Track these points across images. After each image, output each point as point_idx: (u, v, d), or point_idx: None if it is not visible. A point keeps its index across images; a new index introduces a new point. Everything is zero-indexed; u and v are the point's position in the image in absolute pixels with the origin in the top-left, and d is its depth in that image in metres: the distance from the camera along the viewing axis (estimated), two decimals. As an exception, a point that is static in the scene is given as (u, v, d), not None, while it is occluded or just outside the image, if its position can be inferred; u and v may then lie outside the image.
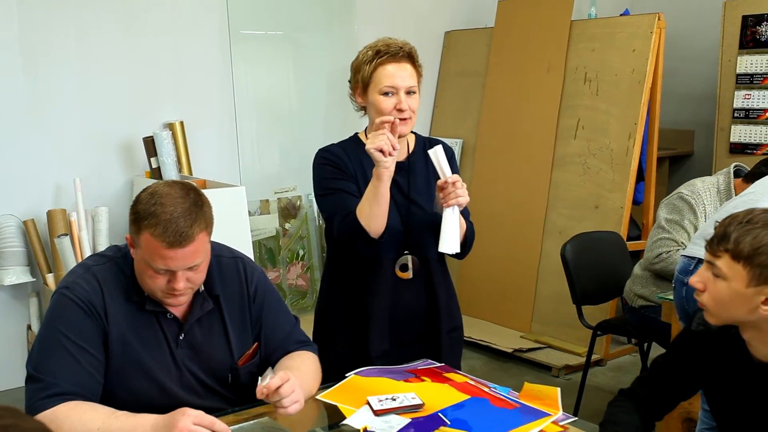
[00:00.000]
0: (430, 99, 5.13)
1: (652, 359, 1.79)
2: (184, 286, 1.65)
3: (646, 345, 3.49)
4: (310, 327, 2.30)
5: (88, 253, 3.45)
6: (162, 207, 1.60)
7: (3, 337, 3.75)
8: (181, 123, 4.03)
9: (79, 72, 3.86)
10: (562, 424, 1.67)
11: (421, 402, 1.72)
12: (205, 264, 1.71)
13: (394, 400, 1.72)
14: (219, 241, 1.88)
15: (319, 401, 1.78)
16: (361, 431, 1.61)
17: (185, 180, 2.63)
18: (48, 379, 1.60)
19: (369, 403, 1.71)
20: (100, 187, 3.87)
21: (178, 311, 1.75)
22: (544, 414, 1.70)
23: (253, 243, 4.16)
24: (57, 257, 3.53)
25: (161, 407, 1.59)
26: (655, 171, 4.43)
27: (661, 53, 4.12)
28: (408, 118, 2.05)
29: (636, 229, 4.49)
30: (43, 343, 1.66)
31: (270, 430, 1.66)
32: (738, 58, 4.53)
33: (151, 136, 3.89)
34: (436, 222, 2.07)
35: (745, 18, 4.49)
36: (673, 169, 5.63)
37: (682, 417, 2.67)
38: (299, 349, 1.88)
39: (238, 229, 3.58)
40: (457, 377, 1.92)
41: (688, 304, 2.47)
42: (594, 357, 4.05)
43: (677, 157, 5.59)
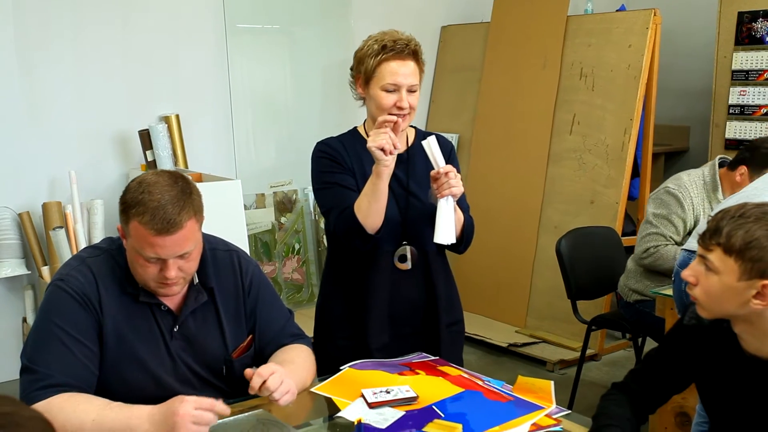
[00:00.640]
0: (426, 94, 5.14)
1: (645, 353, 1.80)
2: (176, 274, 1.65)
3: (640, 340, 3.51)
4: (306, 320, 2.30)
5: (83, 245, 3.45)
6: (150, 195, 1.61)
7: (-2, 330, 3.76)
8: (177, 116, 4.03)
9: (75, 65, 3.85)
10: (555, 417, 1.68)
11: (416, 395, 1.73)
12: (197, 252, 1.71)
13: (388, 392, 1.73)
14: (214, 235, 1.88)
15: (314, 394, 1.79)
16: (356, 423, 1.62)
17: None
18: (42, 371, 1.61)
19: (363, 396, 1.72)
20: (95, 180, 3.87)
21: (172, 303, 1.75)
22: (537, 407, 1.71)
23: (249, 237, 4.16)
24: (52, 250, 3.53)
25: (156, 399, 1.60)
26: (651, 167, 4.44)
27: (657, 49, 4.13)
28: (407, 114, 2.07)
29: (631, 225, 4.51)
30: (38, 335, 1.67)
31: (265, 422, 1.67)
32: (734, 54, 4.53)
33: (147, 129, 3.89)
34: (434, 214, 2.08)
35: (741, 14, 4.49)
36: (669, 165, 5.64)
37: (675, 411, 2.69)
38: (293, 342, 1.89)
39: (233, 223, 3.58)
40: (452, 370, 1.93)
41: (686, 297, 2.48)
42: (589, 352, 4.06)
43: (673, 153, 5.60)
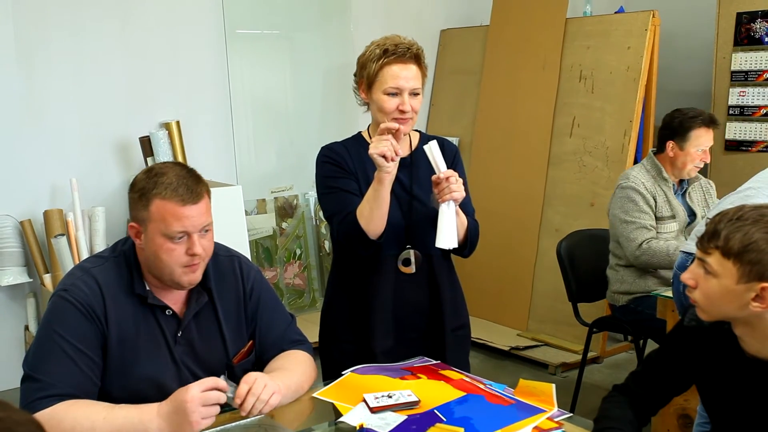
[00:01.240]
0: (426, 97, 5.14)
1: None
2: (200, 251, 1.69)
3: (641, 341, 3.50)
4: (308, 326, 2.31)
5: (85, 253, 3.45)
6: (165, 176, 1.68)
7: (0, 339, 3.76)
8: (178, 123, 4.04)
9: (75, 72, 3.86)
10: (557, 420, 1.68)
11: (417, 399, 1.73)
12: (212, 232, 1.76)
13: (390, 397, 1.73)
14: (216, 240, 1.89)
15: (316, 399, 1.79)
16: (357, 428, 1.62)
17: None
18: (44, 380, 1.61)
19: (365, 401, 1.72)
20: (96, 187, 3.88)
21: (176, 307, 1.77)
22: (539, 410, 1.71)
23: (250, 242, 4.17)
24: (54, 257, 3.54)
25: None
26: (651, 168, 4.44)
27: (656, 50, 4.14)
28: (410, 118, 2.08)
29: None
30: (41, 345, 1.67)
31: (267, 427, 1.67)
32: (733, 55, 4.54)
33: (148, 135, 3.90)
34: (437, 218, 2.09)
35: (740, 15, 4.50)
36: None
37: (677, 413, 2.69)
38: (293, 348, 1.90)
39: (234, 229, 3.59)
40: (453, 374, 1.92)
41: (685, 299, 2.48)
42: (591, 354, 4.06)
43: (673, 155, 5.60)
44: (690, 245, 2.51)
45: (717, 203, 2.61)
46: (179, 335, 1.76)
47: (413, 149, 2.20)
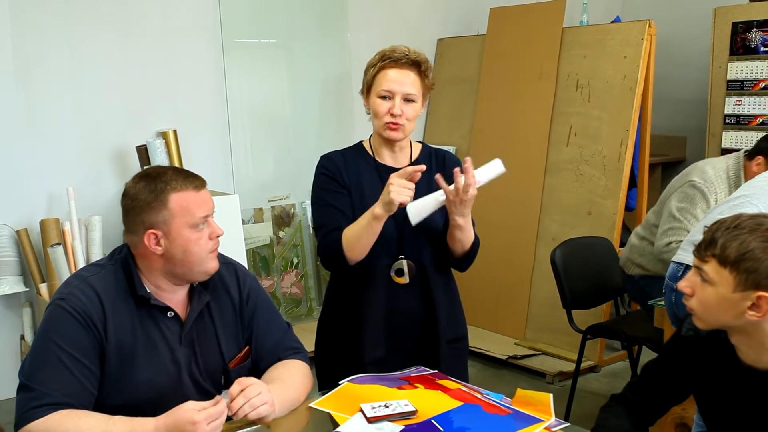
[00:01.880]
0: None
1: (642, 362, 1.80)
2: (222, 232, 1.79)
3: (635, 349, 3.51)
4: (305, 335, 2.30)
5: (81, 262, 3.45)
6: (166, 174, 1.73)
7: (-4, 348, 3.75)
8: (175, 132, 4.04)
9: (72, 81, 3.86)
10: (554, 429, 1.67)
11: (414, 409, 1.72)
12: None
13: (387, 407, 1.72)
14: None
15: (313, 409, 1.78)
16: (355, 438, 1.62)
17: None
18: (40, 389, 1.60)
19: (362, 411, 1.72)
20: (93, 196, 3.87)
21: (178, 308, 1.77)
22: (536, 420, 1.71)
23: (247, 251, 4.16)
24: (50, 267, 3.53)
25: (156, 411, 1.60)
26: (648, 177, 4.45)
27: (652, 60, 4.15)
28: (401, 124, 2.07)
29: (628, 235, 4.50)
30: (37, 354, 1.66)
31: (263, 438, 1.66)
32: (728, 64, 4.56)
33: (145, 144, 3.90)
34: (431, 229, 2.09)
35: (735, 24, 4.52)
36: (666, 175, 5.65)
37: (675, 422, 2.68)
38: (289, 357, 1.90)
39: (231, 238, 3.58)
40: (450, 384, 1.92)
41: (678, 309, 2.48)
42: (588, 363, 4.07)
43: (670, 164, 5.61)
44: (681, 255, 2.51)
45: (708, 212, 2.60)
46: (183, 336, 1.76)
47: (413, 160, 2.20)
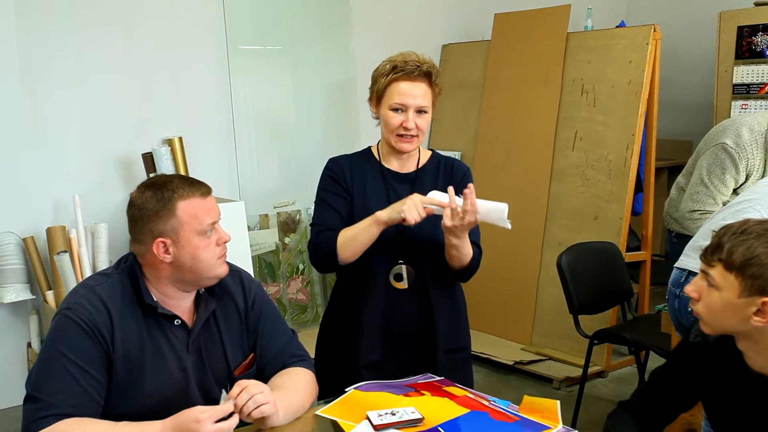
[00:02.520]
0: (428, 112, 5.15)
1: (650, 368, 1.79)
2: (230, 237, 1.80)
3: (642, 355, 3.49)
4: (311, 341, 2.30)
5: (87, 270, 3.45)
6: (172, 182, 1.74)
7: (3, 355, 3.75)
8: (180, 139, 4.04)
9: (78, 89, 3.87)
10: (561, 436, 1.66)
11: (421, 416, 1.71)
12: None
13: (393, 414, 1.72)
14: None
15: (319, 416, 1.78)
16: (361, 446, 1.61)
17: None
18: (47, 400, 1.60)
19: (368, 418, 1.71)
20: (99, 204, 3.88)
21: (184, 315, 1.77)
22: (543, 427, 1.69)
23: (253, 258, 4.17)
24: (57, 274, 3.53)
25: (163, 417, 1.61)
26: (654, 181, 4.44)
27: (658, 64, 4.14)
28: (415, 136, 2.10)
29: (635, 240, 4.50)
30: (44, 364, 1.66)
31: (269, 446, 1.66)
32: (734, 68, 4.55)
33: (150, 152, 3.91)
34: (431, 238, 2.09)
35: (740, 28, 4.51)
36: (672, 180, 5.62)
37: (684, 428, 2.67)
38: (294, 364, 1.90)
39: (237, 244, 3.54)
40: (457, 391, 1.91)
41: (681, 315, 2.47)
42: (595, 368, 4.05)
43: (676, 168, 5.59)
44: (684, 261, 2.50)
45: (710, 217, 2.59)
46: (190, 344, 1.77)
47: (419, 167, 2.21)
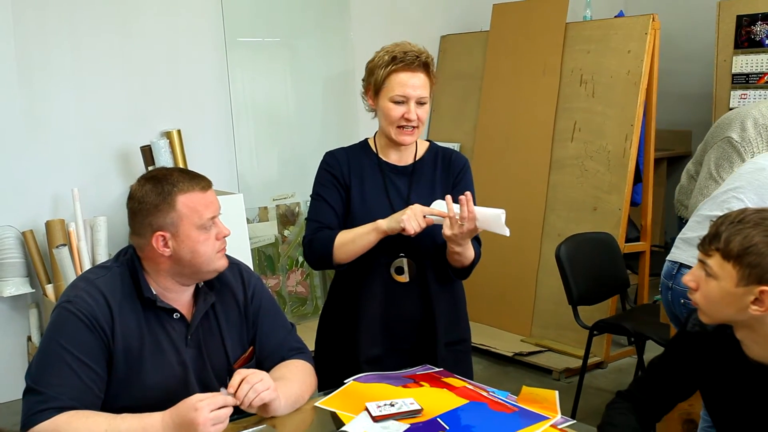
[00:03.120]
0: (426, 103, 5.14)
1: (648, 357, 1.79)
2: (229, 232, 1.79)
3: (642, 344, 3.50)
4: (311, 333, 2.31)
5: (87, 263, 3.45)
6: (172, 176, 1.73)
7: (3, 349, 3.76)
8: (179, 131, 4.04)
9: (76, 82, 3.87)
10: (560, 427, 1.67)
11: (420, 407, 1.72)
12: None
13: (392, 405, 1.72)
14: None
15: (318, 408, 1.78)
16: (360, 437, 1.62)
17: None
18: (47, 392, 1.61)
19: (367, 409, 1.71)
20: (98, 197, 3.88)
21: (183, 309, 1.78)
22: (542, 417, 1.70)
23: (252, 250, 4.17)
24: (56, 268, 3.54)
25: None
26: (653, 172, 4.43)
27: (656, 54, 4.13)
28: (415, 127, 2.09)
29: (635, 231, 4.50)
30: (44, 357, 1.66)
31: (269, 437, 1.67)
32: (733, 58, 4.54)
33: (149, 144, 3.90)
34: (433, 234, 2.09)
35: (740, 18, 4.50)
36: (671, 170, 5.64)
37: (682, 418, 2.67)
38: (293, 357, 1.90)
39: (236, 237, 3.53)
40: (456, 382, 1.92)
41: (674, 306, 2.48)
42: (595, 359, 4.06)
43: (675, 158, 5.59)
44: (676, 253, 2.50)
45: (699, 208, 2.58)
46: (189, 338, 1.77)
47: (417, 158, 2.20)
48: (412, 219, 1.96)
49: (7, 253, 3.64)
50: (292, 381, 1.80)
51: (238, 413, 1.74)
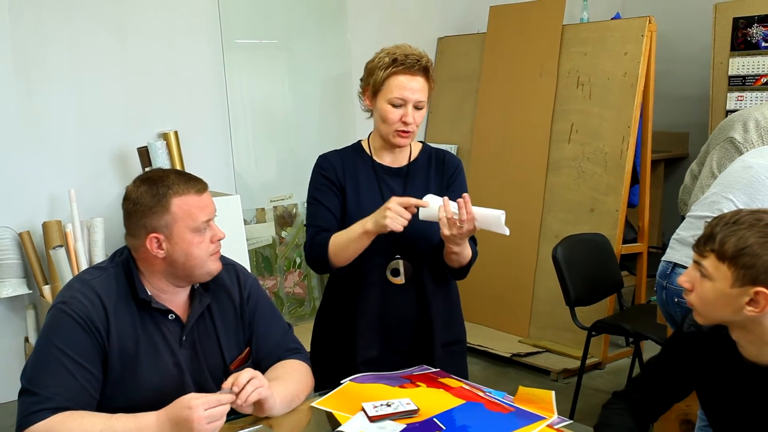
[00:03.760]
0: (424, 105, 5.14)
1: (646, 358, 1.79)
2: (224, 235, 1.79)
3: (640, 343, 3.51)
4: (308, 334, 2.30)
5: (84, 264, 3.45)
6: (167, 178, 1.73)
7: (0, 350, 3.75)
8: (176, 133, 4.04)
9: (73, 83, 3.87)
10: (557, 427, 1.67)
11: (416, 407, 1.72)
12: None
13: (389, 406, 1.72)
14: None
15: (314, 408, 1.78)
16: (356, 438, 1.62)
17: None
18: (42, 393, 1.61)
19: (364, 410, 1.71)
20: (95, 198, 3.87)
21: (179, 310, 1.78)
22: (539, 417, 1.70)
23: (250, 251, 4.16)
24: (53, 269, 3.53)
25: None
26: (650, 173, 4.43)
27: (653, 56, 4.14)
28: (411, 131, 2.09)
29: (632, 232, 4.50)
30: (39, 358, 1.66)
31: (265, 438, 1.66)
32: (730, 60, 4.54)
33: (146, 146, 3.90)
34: (428, 235, 2.09)
35: (736, 20, 4.50)
36: (668, 172, 5.65)
37: (680, 419, 2.67)
38: (289, 357, 1.90)
39: (233, 238, 3.58)
40: (453, 382, 1.92)
41: (669, 306, 2.48)
42: (593, 360, 4.06)
43: (672, 160, 5.60)
44: (670, 253, 2.50)
45: (690, 211, 2.58)
46: (184, 339, 1.77)
47: (411, 160, 2.20)
48: (395, 218, 1.95)
49: (4, 255, 3.64)
50: (288, 381, 1.80)
51: (234, 414, 1.75)
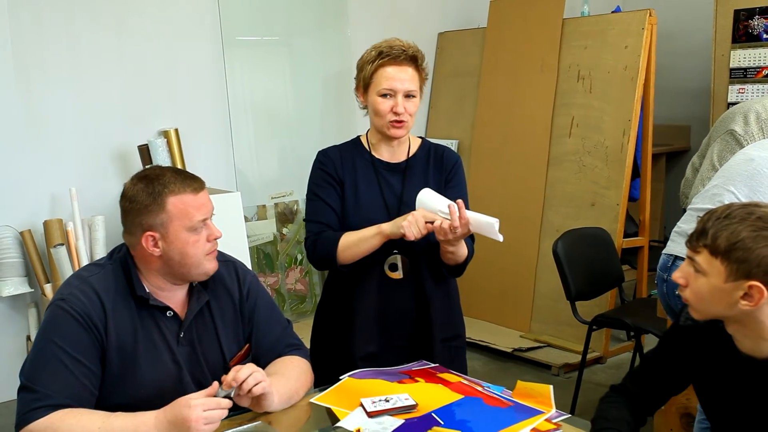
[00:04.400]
0: (425, 100, 5.13)
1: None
2: (221, 234, 1.78)
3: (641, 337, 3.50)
4: (309, 331, 2.31)
5: (85, 262, 3.46)
6: (164, 176, 1.72)
7: (2, 349, 3.77)
8: (176, 130, 4.04)
9: (73, 82, 3.87)
10: (555, 421, 1.67)
11: (415, 403, 1.72)
12: None
13: (387, 401, 1.73)
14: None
15: (313, 404, 1.79)
16: (355, 433, 1.62)
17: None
18: (41, 390, 1.61)
19: (362, 405, 1.72)
20: (96, 196, 3.88)
21: (177, 307, 1.78)
22: (537, 411, 1.71)
23: (251, 248, 4.17)
24: (54, 267, 3.54)
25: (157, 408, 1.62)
26: (651, 167, 4.43)
27: (654, 49, 4.13)
28: (404, 121, 2.08)
29: (633, 226, 4.50)
30: (38, 355, 1.67)
31: (264, 433, 1.67)
32: (731, 52, 4.53)
33: (146, 143, 3.91)
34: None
35: (737, 12, 4.49)
36: (670, 165, 5.64)
37: (680, 412, 2.68)
38: (289, 353, 1.90)
39: (234, 235, 3.58)
40: (451, 377, 1.92)
41: (669, 299, 2.48)
42: (594, 354, 4.06)
43: (674, 153, 5.59)
44: (671, 246, 2.50)
45: (690, 203, 2.58)
46: (181, 336, 1.77)
47: (410, 155, 2.20)
48: (413, 225, 1.96)
49: (6, 253, 3.64)
50: (287, 377, 1.80)
51: (233, 409, 1.75)
